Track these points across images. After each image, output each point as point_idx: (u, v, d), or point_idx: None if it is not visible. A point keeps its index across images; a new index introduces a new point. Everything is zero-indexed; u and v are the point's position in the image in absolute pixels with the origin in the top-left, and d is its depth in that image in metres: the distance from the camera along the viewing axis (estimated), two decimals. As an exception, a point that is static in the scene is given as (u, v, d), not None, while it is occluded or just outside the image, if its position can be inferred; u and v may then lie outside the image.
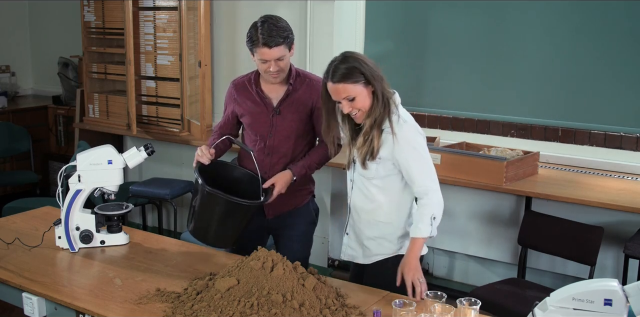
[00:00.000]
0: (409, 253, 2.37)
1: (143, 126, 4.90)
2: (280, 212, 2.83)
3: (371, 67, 2.37)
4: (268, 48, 2.57)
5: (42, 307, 2.39)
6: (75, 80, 5.77)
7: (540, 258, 3.76)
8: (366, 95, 2.37)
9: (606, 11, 3.65)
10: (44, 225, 2.93)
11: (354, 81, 2.34)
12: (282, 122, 2.74)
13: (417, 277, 2.31)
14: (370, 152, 2.41)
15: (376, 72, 2.37)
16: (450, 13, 4.11)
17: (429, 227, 2.36)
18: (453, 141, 3.92)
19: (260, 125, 2.77)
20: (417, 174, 2.39)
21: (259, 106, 2.76)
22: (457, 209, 4.02)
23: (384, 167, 2.44)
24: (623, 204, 3.14)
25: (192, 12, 4.53)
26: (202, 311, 2.10)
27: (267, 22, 2.60)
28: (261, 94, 2.76)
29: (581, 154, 3.78)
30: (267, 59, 2.60)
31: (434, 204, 2.38)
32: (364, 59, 2.38)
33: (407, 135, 2.39)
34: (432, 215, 2.37)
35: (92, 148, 2.81)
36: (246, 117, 2.82)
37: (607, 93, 3.74)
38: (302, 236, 2.86)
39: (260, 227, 2.87)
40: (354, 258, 2.62)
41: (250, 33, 2.62)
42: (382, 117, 2.39)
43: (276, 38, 2.57)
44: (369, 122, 2.40)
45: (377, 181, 2.47)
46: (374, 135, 2.39)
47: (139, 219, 5.17)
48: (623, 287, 1.75)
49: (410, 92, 4.31)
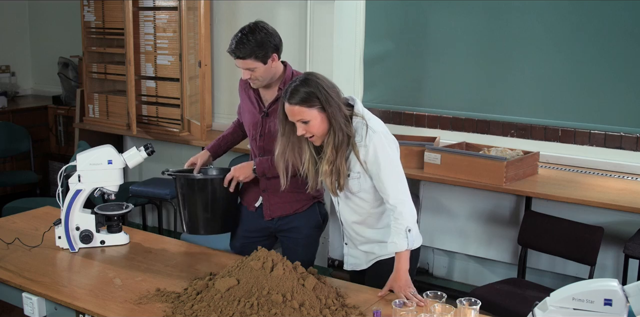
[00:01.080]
0: (397, 269, 2.35)
1: (143, 126, 4.90)
2: (280, 215, 2.81)
3: (329, 93, 2.34)
4: (234, 57, 2.57)
5: (42, 307, 2.39)
6: (75, 80, 5.77)
7: (540, 258, 3.76)
8: (321, 121, 2.34)
9: (606, 11, 3.65)
10: (44, 225, 2.93)
11: (309, 105, 2.32)
12: (271, 125, 2.72)
13: (408, 292, 2.30)
14: (337, 182, 2.39)
15: (333, 100, 2.34)
16: (450, 13, 4.11)
17: (405, 240, 2.34)
18: (453, 141, 3.92)
19: (253, 125, 2.78)
20: (388, 185, 2.37)
21: (253, 106, 2.77)
22: (457, 209, 4.03)
23: (365, 180, 2.42)
24: (623, 204, 3.14)
25: (192, 12, 4.53)
26: (202, 311, 2.10)
27: (243, 32, 2.56)
28: (257, 95, 2.76)
29: (581, 154, 3.78)
30: (239, 67, 2.60)
31: (406, 215, 2.36)
32: (323, 84, 2.35)
33: (376, 146, 2.36)
34: (407, 227, 2.35)
35: (92, 148, 2.81)
36: (244, 116, 2.85)
37: (607, 93, 3.74)
38: (305, 239, 2.85)
39: (263, 229, 2.86)
40: (358, 266, 2.62)
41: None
42: (343, 142, 2.36)
43: (241, 50, 2.53)
44: (330, 151, 2.37)
45: (363, 194, 2.46)
46: (341, 162, 2.37)
47: (139, 219, 5.17)
48: (623, 287, 1.75)
49: (410, 92, 4.31)
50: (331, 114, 2.34)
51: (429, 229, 4.06)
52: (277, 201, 2.77)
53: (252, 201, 2.83)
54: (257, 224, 2.84)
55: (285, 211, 2.79)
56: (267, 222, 2.83)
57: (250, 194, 2.85)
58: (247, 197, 2.87)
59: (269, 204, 2.79)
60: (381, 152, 2.37)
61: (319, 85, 2.34)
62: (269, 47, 2.57)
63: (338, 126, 2.35)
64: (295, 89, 2.34)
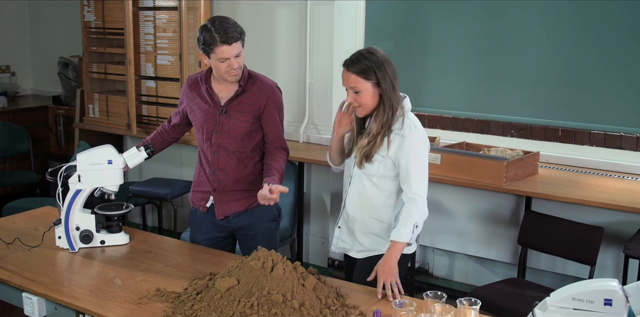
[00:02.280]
0: (387, 256, 2.38)
1: (143, 126, 4.90)
2: (232, 212, 2.81)
3: (388, 72, 2.41)
4: (227, 45, 2.57)
5: (42, 307, 2.39)
6: (75, 80, 5.77)
7: (540, 258, 3.76)
8: (372, 95, 2.43)
9: (606, 11, 3.65)
10: (44, 225, 2.93)
11: (366, 77, 2.40)
12: (228, 121, 2.74)
13: (391, 281, 2.32)
14: (367, 155, 2.46)
15: (389, 79, 2.42)
16: (450, 13, 4.11)
17: (410, 233, 2.39)
18: (453, 141, 3.92)
19: (207, 122, 2.77)
20: (414, 179, 2.43)
21: (207, 103, 2.77)
22: (457, 209, 4.02)
23: (385, 166, 2.47)
24: (623, 204, 3.14)
25: (192, 12, 4.53)
26: (202, 311, 2.10)
27: (218, 21, 2.60)
28: (210, 92, 2.76)
29: (581, 154, 3.78)
30: (227, 57, 2.59)
31: (420, 214, 2.44)
32: (386, 62, 2.42)
33: (415, 141, 2.44)
34: (415, 223, 2.41)
35: (92, 148, 2.81)
36: (195, 114, 2.82)
37: (607, 93, 3.74)
38: (263, 233, 2.85)
39: (220, 229, 2.86)
40: (345, 250, 2.66)
41: (204, 35, 2.59)
42: (390, 121, 2.44)
43: (233, 34, 2.57)
44: (376, 126, 2.45)
45: (375, 178, 2.50)
46: (378, 140, 2.44)
47: (139, 219, 5.17)
48: (623, 287, 1.75)
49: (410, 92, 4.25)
50: (385, 90, 2.42)
51: (429, 229, 4.06)
52: (228, 198, 2.78)
53: (203, 202, 2.84)
54: (212, 225, 2.84)
55: (237, 208, 2.80)
56: (222, 222, 2.83)
57: (199, 195, 2.86)
58: (196, 199, 2.88)
59: (220, 203, 2.79)
60: (416, 148, 2.44)
61: (379, 62, 2.41)
62: (242, 29, 2.65)
63: (389, 104, 2.43)
64: (358, 59, 2.42)
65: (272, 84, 2.79)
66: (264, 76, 2.84)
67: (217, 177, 2.78)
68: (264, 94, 2.74)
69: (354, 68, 2.41)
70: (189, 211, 2.97)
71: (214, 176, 2.79)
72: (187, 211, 4.93)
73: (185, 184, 4.57)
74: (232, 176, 2.78)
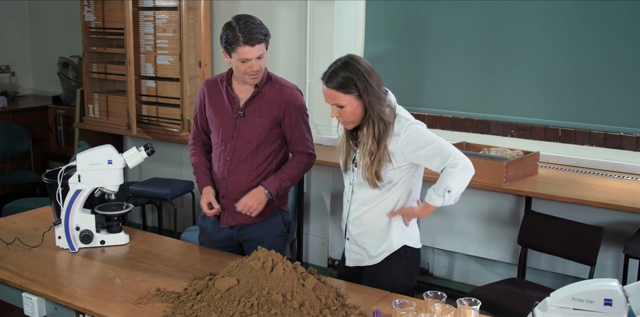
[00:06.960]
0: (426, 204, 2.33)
1: (143, 126, 4.90)
2: (236, 224, 2.76)
3: (368, 81, 2.28)
4: (250, 46, 2.51)
5: (42, 307, 2.39)
6: (75, 80, 5.77)
7: (540, 258, 3.76)
8: (356, 107, 2.31)
9: (606, 11, 3.65)
10: (44, 225, 2.93)
11: (346, 92, 2.29)
12: (245, 125, 2.67)
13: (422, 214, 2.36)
14: (376, 174, 2.34)
15: (372, 88, 2.29)
16: (450, 13, 4.11)
17: (441, 198, 2.27)
18: (453, 141, 3.90)
19: (224, 126, 2.70)
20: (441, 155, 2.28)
21: (226, 105, 2.70)
22: (457, 209, 4.02)
23: (400, 171, 2.37)
24: (623, 204, 3.14)
25: (192, 12, 4.53)
26: (202, 311, 2.10)
27: (243, 21, 2.54)
28: (230, 92, 2.70)
29: (581, 154, 3.78)
30: (249, 58, 2.53)
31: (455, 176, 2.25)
32: (364, 71, 2.29)
33: (414, 133, 2.32)
34: (447, 187, 2.25)
35: (92, 148, 2.80)
36: (213, 118, 2.76)
37: (607, 93, 3.74)
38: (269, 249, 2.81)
39: (227, 238, 2.82)
40: (360, 262, 2.54)
41: (227, 33, 2.54)
42: (384, 134, 2.32)
43: (257, 35, 2.51)
44: (371, 142, 2.32)
45: (389, 185, 2.39)
46: (380, 156, 2.32)
47: (139, 219, 5.17)
48: (623, 287, 1.75)
49: (410, 92, 4.31)
50: (368, 102, 2.29)
51: (429, 229, 4.06)
52: (234, 209, 2.71)
53: None
54: (220, 233, 2.81)
55: (242, 220, 2.74)
56: (229, 231, 2.79)
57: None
58: None
59: (226, 212, 2.75)
60: (418, 138, 2.30)
61: (359, 72, 2.27)
62: (267, 30, 2.59)
63: (377, 116, 2.30)
64: (335, 72, 2.29)
65: (292, 87, 2.72)
66: (285, 79, 2.76)
67: (226, 183, 2.72)
68: (283, 98, 2.67)
69: (332, 83, 2.29)
70: (199, 215, 2.91)
71: (223, 183, 2.73)
72: (187, 211, 4.96)
73: (185, 184, 4.57)
74: (242, 184, 2.70)
